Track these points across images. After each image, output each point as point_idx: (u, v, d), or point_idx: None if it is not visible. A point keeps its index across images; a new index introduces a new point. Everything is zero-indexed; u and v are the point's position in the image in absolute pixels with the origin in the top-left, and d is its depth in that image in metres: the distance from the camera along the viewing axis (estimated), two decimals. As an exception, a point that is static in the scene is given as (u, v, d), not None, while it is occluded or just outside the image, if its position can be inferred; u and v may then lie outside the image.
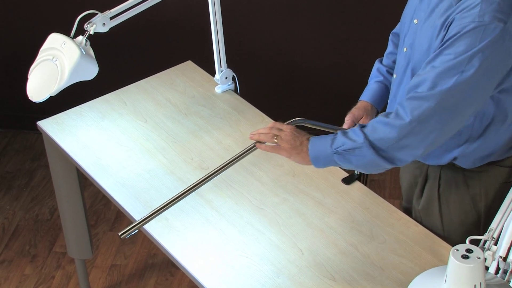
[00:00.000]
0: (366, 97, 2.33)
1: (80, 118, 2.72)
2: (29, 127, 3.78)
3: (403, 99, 1.95)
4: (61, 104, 2.76)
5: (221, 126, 2.66)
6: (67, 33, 2.39)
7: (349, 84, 3.12)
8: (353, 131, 2.00)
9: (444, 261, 2.10)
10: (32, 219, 3.52)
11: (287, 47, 3.64)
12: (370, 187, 2.41)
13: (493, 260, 1.89)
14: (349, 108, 2.34)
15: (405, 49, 2.11)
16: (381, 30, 3.38)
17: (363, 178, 2.43)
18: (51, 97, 2.40)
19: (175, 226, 2.29)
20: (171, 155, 2.54)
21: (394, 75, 2.20)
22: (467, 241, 1.90)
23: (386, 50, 2.35)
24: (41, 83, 2.37)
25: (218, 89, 2.80)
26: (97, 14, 2.39)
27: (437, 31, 1.97)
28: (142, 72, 2.95)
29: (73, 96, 2.81)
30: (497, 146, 2.10)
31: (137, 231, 2.03)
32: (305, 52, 3.65)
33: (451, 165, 2.16)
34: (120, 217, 3.50)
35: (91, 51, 2.41)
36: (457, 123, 1.95)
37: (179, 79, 2.89)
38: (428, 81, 1.90)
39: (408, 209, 2.40)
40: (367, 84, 2.38)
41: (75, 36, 2.39)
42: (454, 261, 1.71)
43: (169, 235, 2.26)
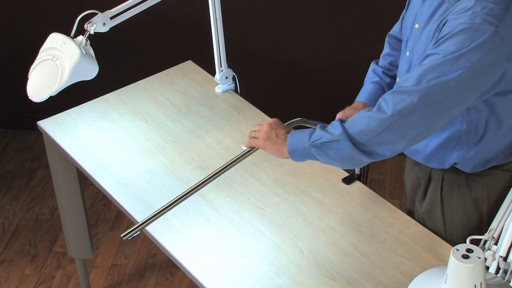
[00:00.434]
0: (361, 97, 2.32)
1: (80, 118, 2.72)
2: (29, 127, 3.79)
3: (386, 93, 1.94)
4: (61, 104, 2.76)
5: (221, 126, 2.66)
6: (67, 33, 2.39)
7: (349, 84, 3.12)
8: (332, 125, 1.99)
9: (444, 261, 2.10)
10: (32, 219, 3.52)
11: (287, 47, 3.64)
12: (370, 187, 2.41)
13: (494, 260, 1.89)
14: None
15: (407, 53, 2.11)
16: (381, 30, 3.38)
17: (363, 178, 2.43)
18: (51, 97, 2.40)
19: (175, 226, 2.29)
20: (171, 155, 2.54)
21: (397, 79, 2.20)
22: (468, 240, 1.90)
23: (382, 52, 2.35)
24: (41, 83, 2.37)
25: (218, 89, 2.80)
26: (97, 14, 2.39)
27: (431, 34, 1.98)
28: (142, 72, 2.95)
29: (73, 96, 2.81)
30: (497, 151, 2.10)
31: (139, 232, 2.03)
32: (305, 52, 3.65)
33: (453, 168, 2.16)
34: (120, 217, 3.50)
35: (91, 51, 2.41)
36: (439, 121, 1.93)
37: (179, 79, 2.89)
38: (413, 77, 1.89)
39: (412, 211, 2.39)
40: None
41: (75, 36, 2.39)
42: (455, 261, 1.71)
43: (169, 235, 2.26)
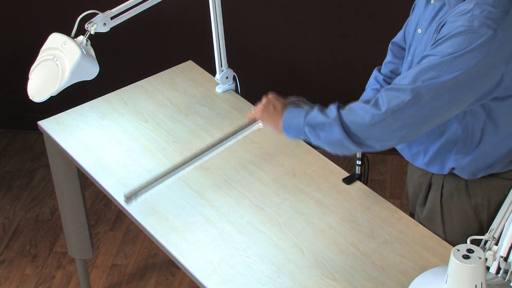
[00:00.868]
0: None
1: (81, 118, 2.72)
2: (29, 127, 3.78)
3: (384, 89, 1.95)
4: (62, 104, 2.76)
5: (221, 126, 2.66)
6: (67, 33, 2.39)
7: (349, 84, 3.12)
8: (329, 108, 2.02)
9: (445, 261, 2.10)
10: (32, 219, 3.52)
11: (288, 47, 3.64)
12: (370, 187, 2.41)
13: (494, 260, 1.89)
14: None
15: (409, 58, 2.11)
16: (381, 30, 3.39)
17: (363, 178, 2.43)
18: (51, 97, 2.40)
19: (175, 226, 2.29)
20: (171, 155, 2.54)
21: None
22: (468, 241, 1.90)
23: (385, 59, 2.35)
24: (41, 83, 2.37)
25: (219, 89, 2.80)
26: (97, 14, 2.39)
27: (431, 36, 1.99)
28: (143, 72, 2.95)
29: (73, 96, 2.81)
30: (495, 157, 2.08)
31: (140, 196, 2.19)
32: (306, 52, 3.65)
33: (453, 174, 2.15)
34: (121, 217, 3.50)
35: (92, 51, 2.41)
36: (432, 122, 1.94)
37: (180, 79, 2.89)
38: (410, 76, 1.90)
39: (414, 215, 2.39)
40: (366, 84, 2.38)
41: (76, 36, 2.39)
42: (455, 261, 1.71)
43: (169, 234, 2.26)
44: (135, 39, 3.63)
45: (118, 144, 2.59)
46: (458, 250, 1.72)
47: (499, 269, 1.88)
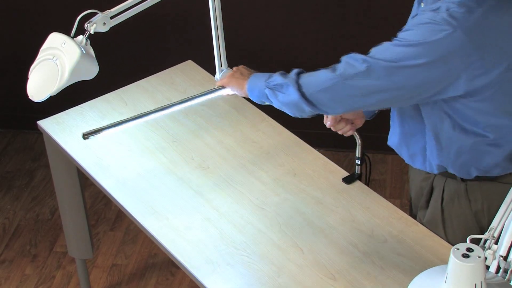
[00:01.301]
0: None
1: (81, 118, 2.72)
2: (29, 127, 3.78)
3: (348, 55, 1.99)
4: (62, 104, 2.76)
5: (221, 126, 2.66)
6: (67, 32, 2.39)
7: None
8: (291, 71, 2.08)
9: (444, 260, 2.10)
10: (32, 219, 3.52)
11: (287, 47, 3.64)
12: (370, 187, 2.41)
13: (494, 259, 1.89)
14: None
15: None
16: (382, 30, 3.38)
17: (365, 177, 2.43)
18: (51, 96, 2.40)
19: (175, 225, 2.29)
20: (171, 155, 2.54)
21: None
22: (468, 240, 1.89)
23: None
24: (41, 82, 2.37)
25: (219, 89, 2.80)
26: (97, 13, 2.38)
27: None
28: (143, 71, 2.95)
29: (73, 95, 2.81)
30: (470, 157, 2.08)
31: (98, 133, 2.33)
32: (306, 52, 3.65)
33: (453, 178, 2.15)
34: (121, 217, 3.50)
35: (92, 51, 2.41)
36: (380, 99, 1.96)
37: (180, 79, 2.89)
38: (373, 50, 1.96)
39: (416, 218, 2.38)
40: None
41: (76, 36, 2.38)
42: (455, 260, 1.71)
43: (169, 234, 2.26)
44: (135, 38, 3.63)
45: (118, 144, 2.59)
46: (458, 249, 1.72)
47: (498, 268, 1.88)
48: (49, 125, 2.69)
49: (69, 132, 2.65)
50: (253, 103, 2.74)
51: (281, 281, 2.10)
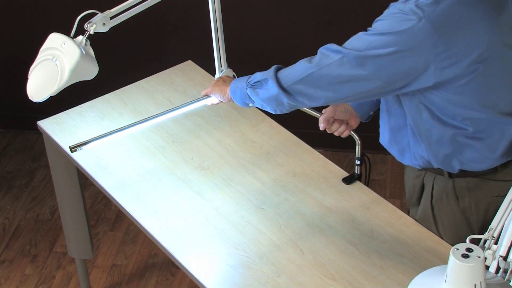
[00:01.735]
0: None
1: (80, 118, 2.72)
2: (29, 127, 3.78)
3: (323, 47, 2.02)
4: (61, 104, 2.76)
5: (221, 126, 2.66)
6: (67, 33, 2.39)
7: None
8: (271, 68, 2.12)
9: (444, 261, 2.10)
10: (32, 219, 3.52)
11: (288, 47, 3.64)
12: (370, 187, 2.41)
13: (493, 259, 1.89)
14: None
15: None
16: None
17: (365, 178, 2.43)
18: (51, 97, 2.40)
19: (175, 226, 2.29)
20: (171, 155, 2.54)
21: None
22: (467, 240, 1.89)
23: None
24: (41, 83, 2.37)
25: (219, 89, 2.80)
26: (97, 14, 2.38)
27: None
28: (143, 72, 2.95)
29: (73, 96, 2.81)
30: (452, 150, 2.09)
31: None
32: (306, 52, 3.63)
33: (441, 175, 2.15)
34: (121, 217, 3.50)
35: (91, 51, 2.41)
36: (355, 90, 1.98)
37: (179, 79, 2.89)
38: (348, 41, 1.99)
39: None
40: None
41: (75, 36, 2.38)
42: (454, 260, 1.71)
43: (169, 235, 2.26)
44: (135, 39, 3.63)
45: (117, 144, 2.59)
46: (458, 249, 1.72)
47: (498, 268, 1.88)
48: (49, 125, 2.69)
49: (69, 132, 2.65)
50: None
51: (280, 281, 2.10)
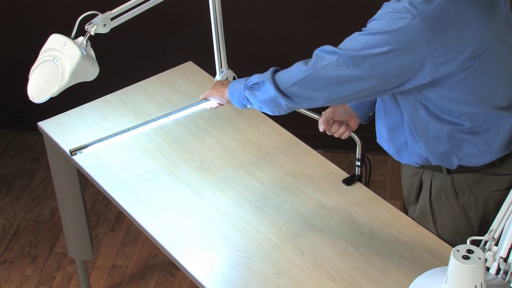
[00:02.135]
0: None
1: (81, 119, 2.72)
2: (29, 127, 3.78)
3: (318, 49, 2.03)
4: (62, 105, 2.76)
5: (221, 127, 2.66)
6: (67, 34, 2.39)
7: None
8: (269, 69, 2.12)
9: (444, 262, 2.10)
10: (32, 220, 3.52)
11: (288, 47, 3.64)
12: (370, 188, 2.41)
13: (494, 261, 1.89)
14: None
15: None
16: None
17: (365, 178, 2.43)
18: (51, 97, 2.40)
19: (175, 226, 2.29)
20: (171, 156, 2.54)
21: None
22: (468, 241, 1.90)
23: None
24: (41, 84, 2.37)
25: (219, 90, 2.80)
26: (98, 15, 2.39)
27: None
28: (143, 72, 2.95)
29: (73, 96, 2.81)
30: (449, 146, 2.09)
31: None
32: (307, 53, 3.64)
33: (440, 172, 2.16)
34: (121, 218, 3.50)
35: (92, 52, 2.41)
36: (353, 90, 1.99)
37: (180, 80, 2.89)
38: (343, 42, 2.00)
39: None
40: None
41: (76, 37, 2.38)
42: (455, 261, 1.71)
43: (169, 235, 2.26)
44: (135, 40, 3.63)
45: (118, 145, 2.59)
46: (458, 251, 1.72)
47: (499, 269, 1.88)
48: (49, 126, 2.69)
49: (69, 133, 2.65)
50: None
51: (281, 282, 2.10)
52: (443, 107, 2.02)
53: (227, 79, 2.77)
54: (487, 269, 1.88)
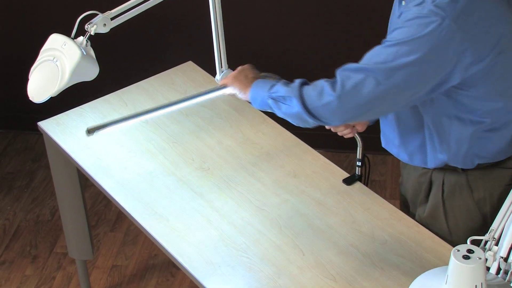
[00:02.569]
0: None
1: (81, 119, 2.72)
2: (29, 127, 3.78)
3: (342, 68, 1.98)
4: (62, 105, 2.76)
5: (221, 127, 2.66)
6: (67, 33, 2.39)
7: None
8: (294, 81, 2.07)
9: (445, 262, 2.10)
10: (33, 220, 3.52)
11: (288, 47, 3.64)
12: (371, 188, 2.40)
13: (494, 260, 1.89)
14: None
15: None
16: (384, 29, 3.38)
17: (364, 178, 2.43)
18: (51, 97, 2.40)
19: (176, 226, 2.29)
20: (171, 156, 2.54)
21: None
22: (468, 241, 1.90)
23: None
24: (41, 83, 2.37)
25: (219, 90, 2.80)
26: (98, 14, 2.39)
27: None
28: (143, 72, 2.95)
29: (73, 96, 2.81)
30: (470, 144, 2.09)
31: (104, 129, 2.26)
32: (307, 53, 3.65)
33: (452, 169, 2.15)
34: (121, 218, 3.50)
35: (92, 52, 2.41)
36: (385, 105, 1.96)
37: (180, 80, 2.89)
38: (365, 58, 1.95)
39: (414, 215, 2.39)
40: None
41: (76, 37, 2.38)
42: (455, 261, 1.71)
43: (170, 235, 2.26)
44: (135, 39, 3.63)
45: (118, 145, 2.59)
46: (458, 251, 1.72)
47: (499, 269, 1.88)
48: (49, 126, 2.69)
49: (69, 133, 2.65)
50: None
51: (281, 283, 2.10)
52: (466, 107, 2.01)
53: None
54: (488, 269, 1.88)
